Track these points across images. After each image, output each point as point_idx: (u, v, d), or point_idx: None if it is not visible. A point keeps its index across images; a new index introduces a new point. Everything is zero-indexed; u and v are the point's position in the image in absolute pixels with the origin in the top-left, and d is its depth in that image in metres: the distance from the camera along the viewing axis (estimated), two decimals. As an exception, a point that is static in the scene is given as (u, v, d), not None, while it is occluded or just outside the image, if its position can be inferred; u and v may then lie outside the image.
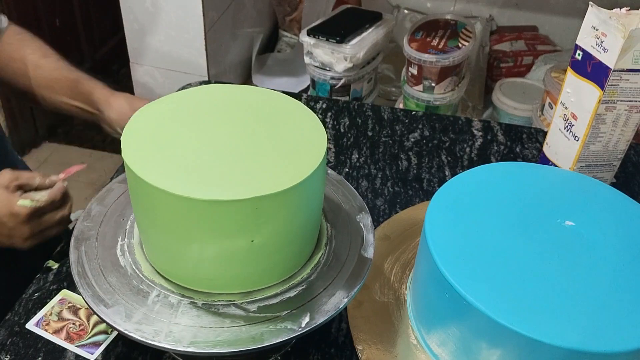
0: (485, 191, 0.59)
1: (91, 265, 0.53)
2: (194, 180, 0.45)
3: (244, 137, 0.50)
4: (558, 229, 0.55)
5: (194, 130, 0.51)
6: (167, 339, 0.47)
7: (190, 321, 0.49)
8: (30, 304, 0.63)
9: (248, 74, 1.45)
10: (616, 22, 0.65)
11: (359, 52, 1.15)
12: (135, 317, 0.48)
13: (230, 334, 0.48)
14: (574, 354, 0.45)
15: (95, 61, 2.29)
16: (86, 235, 0.56)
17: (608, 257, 0.52)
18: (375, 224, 0.65)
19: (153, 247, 0.52)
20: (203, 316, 0.49)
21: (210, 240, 0.47)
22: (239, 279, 0.50)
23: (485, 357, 0.51)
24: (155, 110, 0.53)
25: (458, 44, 1.16)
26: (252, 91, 0.57)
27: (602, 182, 0.62)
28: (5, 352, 0.58)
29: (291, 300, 0.51)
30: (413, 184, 0.82)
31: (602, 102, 0.69)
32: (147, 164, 0.46)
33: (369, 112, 0.98)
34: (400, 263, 0.66)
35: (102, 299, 0.50)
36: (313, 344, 0.60)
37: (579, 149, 0.73)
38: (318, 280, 0.53)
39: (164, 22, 1.19)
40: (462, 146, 0.90)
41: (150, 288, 0.51)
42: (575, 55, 0.72)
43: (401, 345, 0.58)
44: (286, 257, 0.51)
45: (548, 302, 0.48)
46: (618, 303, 0.48)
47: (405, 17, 1.53)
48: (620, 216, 0.57)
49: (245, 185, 0.45)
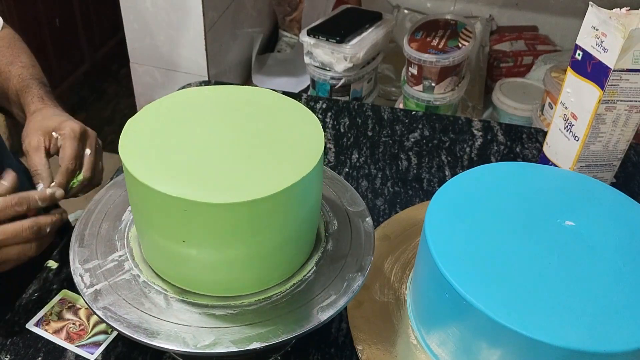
0: (485, 191, 0.59)
1: (91, 266, 0.53)
2: (190, 182, 0.45)
3: (241, 137, 0.50)
4: (558, 229, 0.55)
5: (192, 131, 0.51)
6: (166, 339, 0.47)
7: (189, 321, 0.49)
8: (30, 304, 0.63)
9: (248, 74, 1.46)
10: (616, 22, 0.65)
11: (359, 52, 1.15)
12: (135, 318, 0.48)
13: (230, 334, 0.48)
14: (574, 354, 0.45)
15: (95, 61, 2.29)
16: (86, 235, 0.56)
17: (608, 257, 0.52)
18: (375, 224, 0.65)
19: (151, 249, 0.52)
20: (203, 316, 0.49)
21: (208, 242, 0.47)
22: (237, 280, 0.50)
23: (485, 357, 0.51)
24: (154, 111, 0.53)
25: (458, 44, 1.16)
26: (250, 91, 0.57)
27: (602, 182, 0.62)
28: (5, 352, 0.58)
29: (291, 300, 0.51)
30: (413, 184, 0.82)
31: (602, 102, 0.69)
32: (144, 165, 0.46)
33: (369, 112, 0.98)
34: (400, 263, 0.66)
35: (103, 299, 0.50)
36: (313, 344, 0.60)
37: (579, 149, 0.73)
38: (317, 280, 0.53)
39: (164, 22, 1.19)
40: (462, 146, 0.90)
41: (150, 289, 0.51)
42: (575, 55, 0.72)
43: (401, 345, 0.58)
44: (285, 257, 0.51)
45: (548, 302, 0.48)
46: (618, 303, 0.48)
47: (405, 17, 1.53)
48: (620, 216, 0.57)
49: (241, 187, 0.45)
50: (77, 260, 0.53)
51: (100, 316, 0.48)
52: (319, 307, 0.50)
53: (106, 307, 0.49)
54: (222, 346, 0.47)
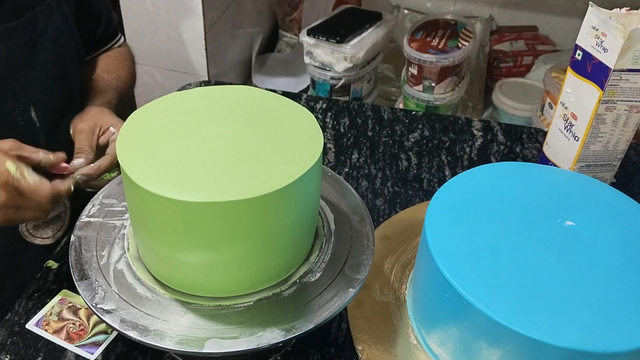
0: (485, 191, 0.59)
1: (91, 266, 0.53)
2: (187, 182, 0.45)
3: (239, 138, 0.50)
4: (558, 229, 0.55)
5: (189, 132, 0.51)
6: (166, 339, 0.47)
7: (190, 321, 0.49)
8: (30, 304, 0.63)
9: (248, 74, 1.45)
10: (616, 22, 0.65)
11: (359, 52, 1.15)
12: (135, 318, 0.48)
13: (230, 334, 0.48)
14: (574, 354, 0.45)
15: (95, 61, 2.29)
16: (86, 236, 0.56)
17: (608, 257, 0.52)
18: (375, 224, 0.65)
19: (148, 250, 0.52)
20: (202, 316, 0.49)
21: (205, 242, 0.47)
22: (236, 279, 0.50)
23: (485, 357, 0.51)
24: (152, 111, 0.53)
25: (458, 44, 1.16)
26: (248, 91, 0.57)
27: (602, 182, 0.62)
28: (5, 352, 0.58)
29: (291, 300, 0.51)
30: (413, 184, 0.82)
31: (602, 102, 0.69)
32: (141, 166, 0.47)
33: (369, 112, 0.98)
34: (400, 263, 0.66)
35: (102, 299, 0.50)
36: (313, 344, 0.60)
37: (579, 149, 0.73)
38: (318, 280, 0.53)
39: (164, 22, 1.19)
40: (462, 146, 0.90)
41: (149, 289, 0.51)
42: (575, 55, 0.72)
43: (401, 345, 0.58)
44: (284, 256, 0.51)
45: (548, 302, 0.48)
46: (618, 303, 0.48)
47: (405, 17, 1.53)
48: (620, 216, 0.57)
49: (239, 186, 0.45)
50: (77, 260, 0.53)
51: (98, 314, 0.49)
52: (319, 307, 0.50)
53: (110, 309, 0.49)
54: (222, 346, 0.47)
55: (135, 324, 0.48)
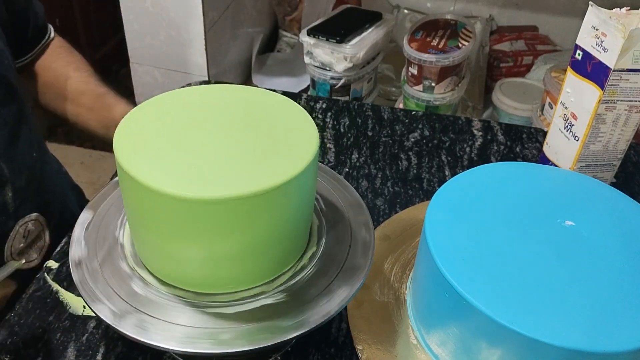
0: (485, 191, 0.59)
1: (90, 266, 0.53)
2: (182, 177, 0.45)
3: (235, 136, 0.50)
4: (558, 229, 0.55)
5: (185, 129, 0.51)
6: (166, 339, 0.47)
7: (190, 321, 0.49)
8: (30, 304, 0.63)
9: (248, 74, 1.46)
10: (616, 22, 0.65)
11: (359, 52, 1.15)
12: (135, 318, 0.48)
13: (229, 334, 0.48)
14: (574, 354, 0.45)
15: (95, 61, 2.28)
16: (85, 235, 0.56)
17: (608, 257, 0.52)
18: (375, 224, 0.65)
19: (144, 247, 0.52)
20: (202, 316, 0.49)
21: (202, 239, 0.47)
22: (233, 278, 0.50)
23: (485, 357, 0.51)
24: (149, 109, 0.53)
25: (458, 44, 1.16)
26: (246, 90, 0.57)
27: (602, 182, 0.62)
28: (5, 352, 0.58)
29: (291, 299, 0.51)
30: (413, 184, 0.82)
31: (602, 102, 0.69)
32: (137, 161, 0.46)
33: (369, 112, 0.98)
34: (400, 263, 0.66)
35: (101, 299, 0.50)
36: (313, 344, 0.60)
37: (579, 149, 0.73)
38: (318, 280, 0.53)
39: (164, 22, 1.19)
40: (462, 146, 0.90)
41: (148, 289, 0.51)
42: (575, 55, 0.72)
43: (401, 345, 0.58)
44: (282, 252, 0.51)
45: (548, 302, 0.48)
46: (618, 303, 0.48)
47: (405, 17, 1.53)
48: (620, 216, 0.57)
49: (233, 183, 0.45)
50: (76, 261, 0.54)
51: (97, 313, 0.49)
52: (319, 307, 0.50)
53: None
54: (222, 346, 0.47)
55: (135, 323, 0.48)
